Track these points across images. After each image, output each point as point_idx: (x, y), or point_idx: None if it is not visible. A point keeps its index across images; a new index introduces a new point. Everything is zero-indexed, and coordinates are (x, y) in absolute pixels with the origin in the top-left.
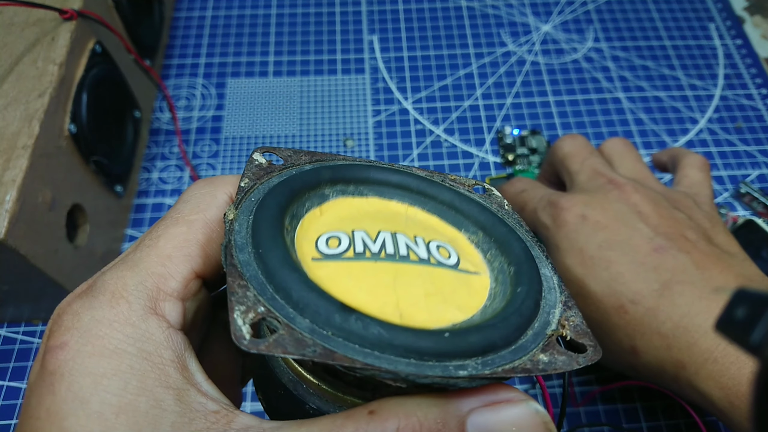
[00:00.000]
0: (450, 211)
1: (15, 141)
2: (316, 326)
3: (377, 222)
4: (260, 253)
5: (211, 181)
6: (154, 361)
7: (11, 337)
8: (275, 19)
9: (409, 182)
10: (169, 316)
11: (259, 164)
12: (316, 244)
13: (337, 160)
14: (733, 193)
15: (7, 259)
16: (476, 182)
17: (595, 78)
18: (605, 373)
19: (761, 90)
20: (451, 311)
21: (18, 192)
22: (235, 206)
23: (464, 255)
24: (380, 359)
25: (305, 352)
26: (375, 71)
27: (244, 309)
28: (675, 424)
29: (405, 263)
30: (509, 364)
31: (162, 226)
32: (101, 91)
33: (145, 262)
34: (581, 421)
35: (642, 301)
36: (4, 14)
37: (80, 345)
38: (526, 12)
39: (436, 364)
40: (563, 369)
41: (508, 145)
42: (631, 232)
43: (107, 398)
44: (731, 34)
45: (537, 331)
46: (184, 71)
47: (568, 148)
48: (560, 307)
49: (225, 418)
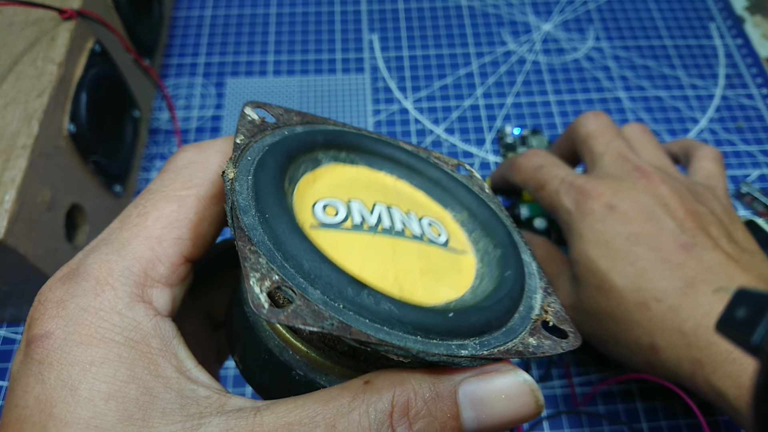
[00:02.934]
0: (436, 189)
1: (14, 141)
2: (327, 298)
3: (371, 193)
4: (267, 218)
5: (201, 149)
6: (142, 350)
7: (11, 338)
8: (275, 18)
9: (399, 155)
10: (156, 303)
11: (251, 120)
12: (313, 210)
13: (328, 125)
14: (734, 193)
15: (7, 259)
16: (459, 162)
17: (596, 77)
18: (608, 373)
19: (762, 90)
20: (444, 289)
21: (17, 192)
22: (233, 163)
23: (451, 233)
24: (390, 335)
25: (324, 324)
26: (375, 70)
27: (259, 276)
28: (675, 424)
29: (401, 239)
30: (503, 345)
31: (150, 201)
32: (100, 90)
33: (133, 244)
34: (581, 421)
35: (665, 299)
36: (3, 14)
37: (67, 334)
38: (527, 11)
39: (440, 343)
40: (549, 353)
41: (508, 145)
42: (658, 226)
43: (96, 385)
44: (732, 33)
45: (523, 315)
46: (184, 71)
47: (593, 126)
48: (541, 293)
49: (217, 402)
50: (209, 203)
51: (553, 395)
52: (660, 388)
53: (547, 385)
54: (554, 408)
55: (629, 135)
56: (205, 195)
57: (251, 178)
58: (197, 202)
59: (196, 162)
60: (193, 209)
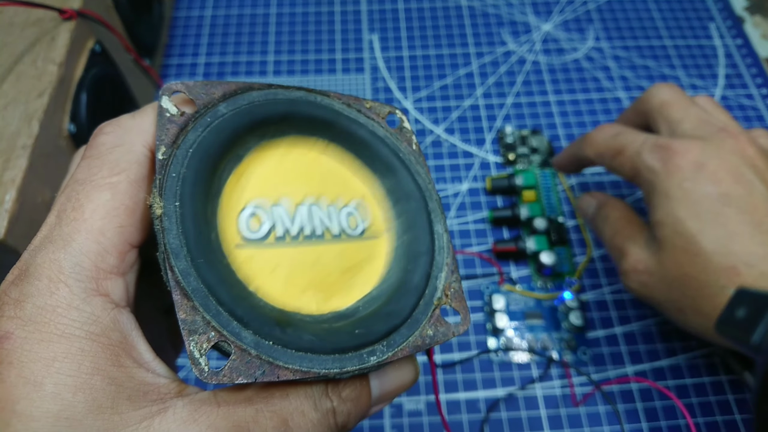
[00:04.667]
0: (365, 152)
1: (14, 141)
2: (259, 338)
3: (298, 181)
4: (198, 264)
5: (123, 130)
6: (103, 343)
7: None
8: (275, 18)
9: (329, 116)
10: (113, 295)
11: (170, 117)
12: (238, 222)
13: (253, 90)
14: None
15: (7, 259)
16: (390, 110)
17: (596, 77)
18: (607, 373)
19: (762, 90)
20: (360, 285)
21: (17, 192)
22: (159, 192)
23: (369, 214)
24: (311, 360)
25: (256, 375)
26: (375, 71)
27: (197, 338)
28: (675, 424)
29: (322, 244)
30: (405, 342)
31: (82, 192)
32: (101, 90)
33: (77, 240)
34: (581, 421)
35: (758, 264)
36: (4, 14)
37: (27, 333)
38: (527, 11)
39: (354, 354)
40: (442, 341)
41: (508, 145)
42: (748, 188)
43: (62, 379)
44: (731, 33)
45: (427, 300)
46: (184, 71)
47: (668, 95)
48: (446, 270)
49: (177, 388)
50: (141, 185)
51: (552, 395)
52: (659, 389)
53: (547, 385)
54: (554, 408)
55: (702, 104)
56: (135, 178)
57: (178, 204)
58: (129, 187)
59: (119, 145)
60: (127, 195)
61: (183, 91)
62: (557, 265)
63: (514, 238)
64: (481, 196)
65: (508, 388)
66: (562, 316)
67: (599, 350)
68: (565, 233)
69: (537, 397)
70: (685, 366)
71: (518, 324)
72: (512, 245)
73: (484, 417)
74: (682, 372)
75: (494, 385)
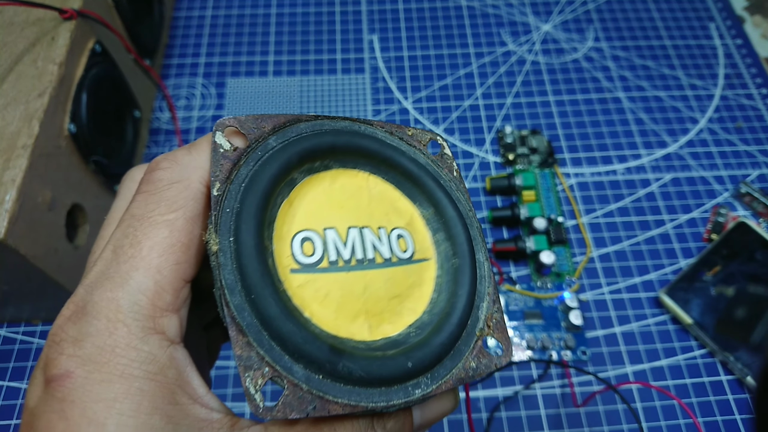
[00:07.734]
0: (406, 182)
1: (15, 141)
2: (310, 372)
3: (345, 211)
4: (252, 299)
5: (178, 164)
6: (160, 382)
7: (11, 337)
8: (275, 18)
9: (370, 147)
10: (168, 332)
11: (224, 152)
12: (291, 247)
13: (301, 123)
14: (734, 193)
15: (7, 259)
16: (431, 137)
17: (596, 78)
18: (607, 374)
19: (761, 90)
20: (409, 310)
21: (18, 192)
22: (215, 229)
23: (417, 238)
24: (359, 394)
25: (308, 410)
26: (375, 71)
27: (252, 374)
28: (675, 424)
29: (372, 270)
30: (449, 374)
31: (140, 229)
32: (101, 90)
33: (135, 278)
34: (581, 421)
35: None
36: (4, 14)
37: (87, 372)
38: (526, 11)
39: (399, 388)
40: (485, 372)
41: (508, 145)
42: None
43: (123, 420)
44: (731, 33)
45: (469, 331)
46: (184, 71)
47: None
48: (487, 300)
49: (229, 422)
50: (196, 222)
51: (552, 395)
52: (659, 391)
53: (547, 385)
54: (554, 408)
55: None
56: (192, 215)
57: (232, 240)
58: (186, 224)
59: (177, 182)
60: (183, 231)
61: (235, 126)
62: (557, 264)
63: (513, 237)
64: (480, 196)
65: (508, 387)
66: (561, 315)
67: (599, 350)
68: (564, 233)
69: (537, 396)
70: (685, 366)
71: (518, 323)
72: (512, 245)
73: (489, 416)
74: (682, 372)
75: (494, 385)
